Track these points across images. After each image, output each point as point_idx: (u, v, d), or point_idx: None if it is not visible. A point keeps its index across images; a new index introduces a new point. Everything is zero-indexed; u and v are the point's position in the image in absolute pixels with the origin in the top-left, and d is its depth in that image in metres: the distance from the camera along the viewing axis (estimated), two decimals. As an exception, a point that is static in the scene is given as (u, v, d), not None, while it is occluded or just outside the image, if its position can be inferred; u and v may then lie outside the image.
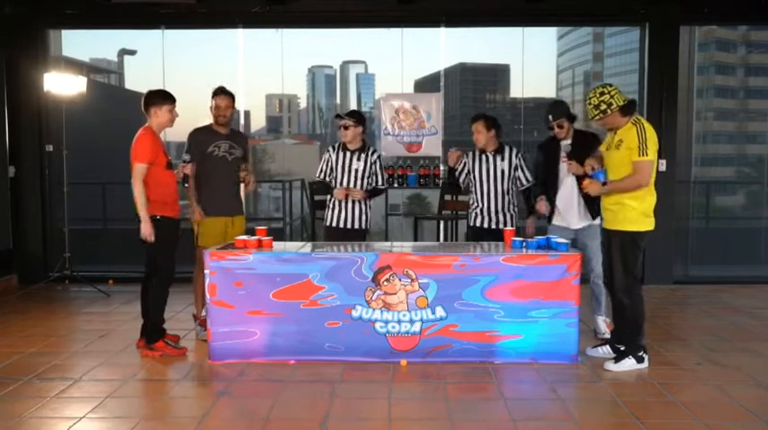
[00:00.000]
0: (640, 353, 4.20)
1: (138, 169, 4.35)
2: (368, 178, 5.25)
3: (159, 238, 4.41)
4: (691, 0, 6.92)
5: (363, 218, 5.25)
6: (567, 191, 4.77)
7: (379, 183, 5.36)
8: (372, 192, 5.33)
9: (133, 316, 5.55)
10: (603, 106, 4.03)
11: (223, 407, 3.60)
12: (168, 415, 3.54)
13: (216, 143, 4.93)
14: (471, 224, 5.21)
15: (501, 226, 5.04)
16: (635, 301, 4.17)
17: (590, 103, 4.08)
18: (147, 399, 3.77)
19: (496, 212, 5.08)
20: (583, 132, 4.85)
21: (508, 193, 5.10)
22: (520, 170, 5.10)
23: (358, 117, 5.21)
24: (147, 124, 4.51)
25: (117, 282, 7.02)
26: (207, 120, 5.06)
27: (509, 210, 5.10)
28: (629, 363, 4.18)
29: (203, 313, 4.72)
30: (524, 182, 5.12)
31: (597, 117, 4.09)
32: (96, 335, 5.03)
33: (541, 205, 4.85)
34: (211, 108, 4.96)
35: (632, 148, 4.00)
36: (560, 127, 4.72)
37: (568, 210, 4.78)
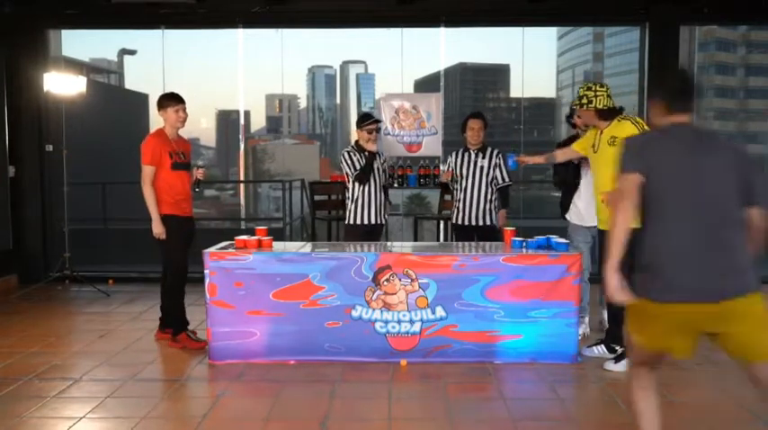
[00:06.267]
0: (640, 354, 4.19)
1: (144, 170, 4.55)
2: (380, 176, 5.48)
3: (169, 236, 4.54)
4: (691, 0, 6.92)
5: (383, 211, 5.50)
6: (585, 189, 4.73)
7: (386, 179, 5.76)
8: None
9: (133, 316, 5.55)
10: (585, 100, 4.18)
11: (223, 407, 3.61)
12: (168, 415, 3.54)
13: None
14: (453, 221, 5.44)
15: (479, 222, 5.27)
16: None
17: (578, 93, 4.25)
18: (147, 399, 3.77)
19: (477, 207, 5.27)
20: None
21: (487, 190, 5.28)
22: (498, 169, 5.30)
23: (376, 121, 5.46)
24: (161, 126, 4.67)
25: (117, 282, 7.02)
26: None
27: (488, 207, 5.29)
28: (629, 363, 4.16)
29: None
30: (500, 181, 5.32)
31: (575, 106, 4.30)
32: (96, 335, 5.03)
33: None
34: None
35: None
36: (579, 117, 4.64)
37: (587, 208, 4.75)
